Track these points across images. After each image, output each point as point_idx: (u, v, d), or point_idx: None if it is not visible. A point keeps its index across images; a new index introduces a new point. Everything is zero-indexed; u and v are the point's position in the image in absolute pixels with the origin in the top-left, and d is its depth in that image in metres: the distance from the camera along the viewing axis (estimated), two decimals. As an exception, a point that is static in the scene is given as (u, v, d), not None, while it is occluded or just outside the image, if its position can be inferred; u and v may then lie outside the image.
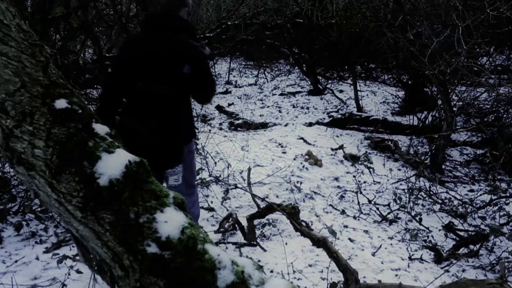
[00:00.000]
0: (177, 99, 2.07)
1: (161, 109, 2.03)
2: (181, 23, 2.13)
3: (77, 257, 2.02)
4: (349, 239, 3.13)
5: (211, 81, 2.21)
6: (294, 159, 4.86)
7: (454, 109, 4.87)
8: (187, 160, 2.30)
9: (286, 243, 2.93)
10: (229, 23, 7.24)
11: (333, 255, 1.95)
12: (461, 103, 5.53)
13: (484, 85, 5.11)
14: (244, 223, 2.93)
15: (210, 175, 4.00)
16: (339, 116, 6.81)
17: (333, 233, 2.48)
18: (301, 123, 6.80)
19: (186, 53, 2.05)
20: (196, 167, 2.62)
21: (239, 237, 2.94)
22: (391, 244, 3.14)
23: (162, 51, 2.04)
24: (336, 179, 4.45)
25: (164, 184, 2.29)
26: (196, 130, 2.44)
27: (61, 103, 1.23)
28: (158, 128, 2.02)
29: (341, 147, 5.34)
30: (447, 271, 2.76)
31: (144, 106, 2.03)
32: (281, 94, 8.62)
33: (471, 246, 3.06)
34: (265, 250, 2.82)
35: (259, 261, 2.69)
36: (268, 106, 7.96)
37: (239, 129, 6.76)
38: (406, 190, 4.17)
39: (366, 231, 3.31)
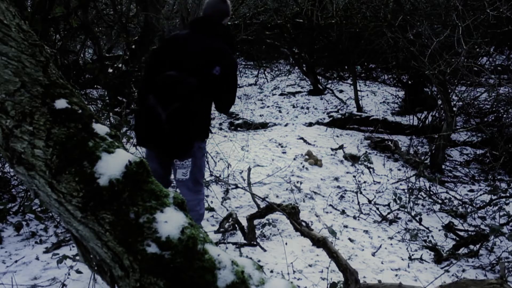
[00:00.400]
0: (201, 94, 2.21)
1: (184, 99, 2.16)
2: (221, 30, 2.37)
3: (77, 257, 2.02)
4: (349, 239, 3.13)
5: (234, 88, 2.37)
6: (294, 159, 4.86)
7: (454, 109, 4.87)
8: (197, 156, 2.40)
9: (286, 243, 2.93)
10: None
11: (333, 255, 1.95)
12: (461, 103, 5.54)
13: (484, 85, 5.12)
14: (244, 223, 2.93)
15: (210, 175, 4.00)
16: (339, 116, 6.81)
17: (333, 233, 2.48)
18: (301, 123, 6.80)
19: (220, 57, 2.24)
20: (205, 167, 2.69)
21: (239, 237, 2.94)
22: (391, 244, 3.14)
23: (199, 49, 2.26)
24: (336, 179, 4.45)
25: (172, 177, 2.42)
26: (210, 134, 2.62)
27: (61, 103, 1.23)
28: (176, 115, 2.16)
29: (341, 147, 5.34)
30: (447, 271, 2.77)
31: (170, 93, 2.16)
32: (281, 94, 8.62)
33: (471, 246, 3.06)
34: (265, 250, 2.82)
35: (259, 261, 2.69)
36: (268, 106, 7.96)
37: (239, 129, 6.76)
38: (406, 190, 4.17)
39: (366, 231, 3.31)
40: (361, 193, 3.97)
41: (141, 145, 2.43)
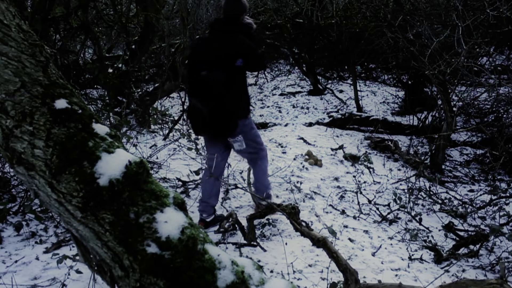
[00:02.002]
0: (229, 85, 2.65)
1: (217, 92, 2.63)
2: (239, 27, 2.75)
3: (77, 257, 2.01)
4: (349, 239, 3.13)
5: (258, 62, 2.81)
6: (294, 159, 4.86)
7: (454, 109, 4.87)
8: (246, 131, 2.88)
9: (286, 243, 2.93)
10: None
11: (333, 255, 1.95)
12: (461, 103, 5.53)
13: (484, 85, 5.11)
14: (244, 223, 2.93)
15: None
16: (339, 116, 6.81)
17: (333, 233, 2.48)
18: (301, 123, 6.80)
19: (239, 50, 2.65)
20: (259, 136, 3.10)
21: (239, 237, 2.94)
22: (391, 244, 3.14)
23: (222, 47, 2.65)
24: (336, 179, 4.45)
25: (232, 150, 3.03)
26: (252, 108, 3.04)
27: (61, 103, 1.23)
28: (214, 106, 2.64)
29: (341, 147, 5.34)
30: (447, 271, 2.76)
31: (205, 89, 2.65)
32: (281, 94, 8.62)
33: (471, 246, 3.05)
34: (265, 250, 2.82)
35: (259, 261, 2.69)
36: (268, 106, 7.96)
37: (239, 129, 6.76)
38: (406, 190, 4.17)
39: (366, 231, 3.31)
40: (361, 193, 3.97)
41: (197, 134, 3.05)
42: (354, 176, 4.41)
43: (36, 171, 1.19)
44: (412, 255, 2.96)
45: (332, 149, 5.37)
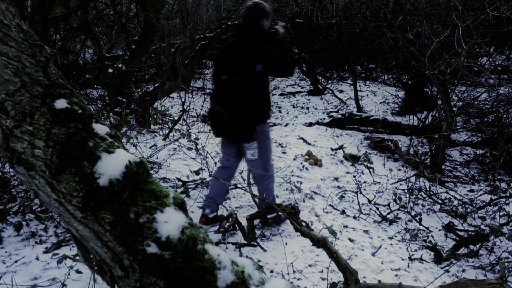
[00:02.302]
0: (250, 89, 2.72)
1: (237, 96, 2.70)
2: (259, 32, 2.79)
3: (77, 257, 2.01)
4: (349, 239, 3.13)
5: (281, 68, 2.81)
6: (294, 159, 4.86)
7: (454, 109, 4.87)
8: (261, 139, 2.91)
9: (286, 243, 2.93)
10: (229, 23, 7.23)
11: (333, 255, 1.95)
12: (461, 103, 5.53)
13: (484, 85, 5.11)
14: (244, 223, 2.93)
15: (210, 175, 4.00)
16: (339, 116, 6.81)
17: (333, 233, 2.48)
18: (301, 123, 6.80)
19: (259, 55, 2.69)
20: (271, 150, 3.10)
21: (239, 237, 2.94)
22: (391, 244, 3.14)
23: (241, 53, 2.72)
24: (336, 179, 4.45)
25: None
26: (271, 112, 3.28)
27: (61, 103, 1.23)
28: (234, 110, 2.70)
29: (341, 147, 5.34)
30: (447, 271, 2.76)
31: (226, 94, 2.72)
32: (281, 94, 8.62)
33: (471, 246, 3.05)
34: (265, 250, 2.82)
35: (259, 261, 2.70)
36: (268, 106, 7.96)
37: (239, 129, 6.75)
38: (406, 190, 4.17)
39: (366, 231, 3.31)
40: (361, 193, 3.97)
41: (216, 136, 3.07)
42: (354, 176, 4.41)
43: (36, 171, 1.19)
44: (412, 255, 2.96)
45: (332, 149, 5.37)
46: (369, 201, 3.90)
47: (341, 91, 8.32)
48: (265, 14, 2.81)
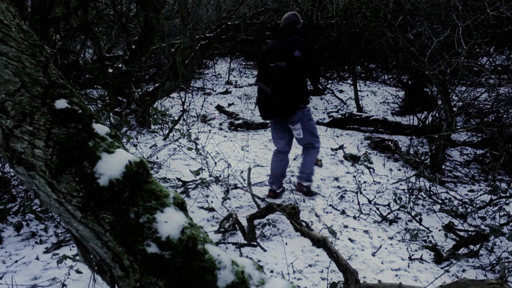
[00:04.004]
0: (290, 72, 3.36)
1: (278, 76, 3.35)
2: (295, 32, 3.52)
3: (77, 257, 2.02)
4: (349, 239, 3.13)
5: (314, 64, 3.50)
6: (294, 159, 4.86)
7: (454, 109, 4.87)
8: (304, 120, 3.50)
9: (286, 243, 2.93)
10: (229, 23, 7.23)
11: (333, 255, 1.95)
12: (461, 103, 5.53)
13: (484, 85, 5.11)
14: (244, 223, 2.93)
15: (210, 175, 4.00)
16: (339, 116, 6.81)
17: (333, 233, 2.48)
18: (301, 123, 6.78)
19: (297, 44, 3.38)
20: (315, 128, 3.67)
21: (239, 237, 2.94)
22: (391, 244, 3.14)
23: (283, 45, 3.43)
24: (336, 179, 4.45)
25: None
26: (310, 98, 3.89)
27: (61, 103, 1.23)
28: (276, 87, 3.37)
29: (341, 147, 5.34)
30: (447, 271, 2.76)
31: (269, 76, 3.41)
32: (281, 94, 8.60)
33: (471, 246, 3.05)
34: (265, 250, 2.82)
35: (259, 261, 2.69)
36: (268, 106, 7.95)
37: (239, 129, 6.76)
38: (406, 190, 4.17)
39: (366, 231, 3.31)
40: (361, 193, 3.97)
41: (264, 119, 3.85)
42: (354, 176, 4.41)
43: (36, 171, 1.19)
44: (412, 255, 2.96)
45: (332, 149, 5.37)
46: (369, 201, 3.90)
47: (341, 91, 8.33)
48: (299, 22, 3.61)
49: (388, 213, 3.61)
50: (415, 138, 5.97)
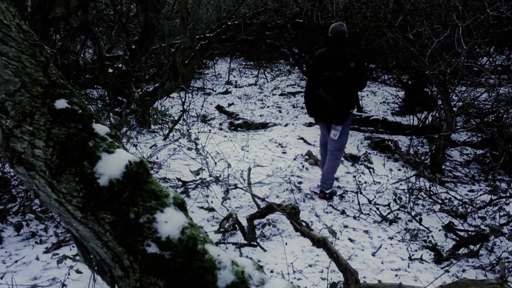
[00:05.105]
0: (346, 82, 3.70)
1: (338, 86, 3.70)
2: (346, 42, 3.81)
3: (77, 257, 2.02)
4: (349, 239, 3.13)
5: (365, 73, 3.87)
6: (294, 159, 4.86)
7: (454, 109, 4.86)
8: (345, 125, 3.84)
9: (286, 243, 2.93)
10: (229, 23, 7.22)
11: (333, 255, 1.95)
12: (461, 103, 5.53)
13: (484, 85, 5.11)
14: (244, 223, 2.93)
15: (210, 175, 4.00)
16: (339, 116, 6.80)
17: (333, 233, 2.48)
18: (301, 123, 6.80)
19: (352, 56, 3.71)
20: (347, 138, 4.00)
21: (239, 237, 2.94)
22: (391, 244, 3.14)
23: (338, 56, 3.74)
24: (336, 179, 4.45)
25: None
26: (352, 111, 4.03)
27: (61, 103, 1.23)
28: (336, 96, 3.72)
29: (341, 147, 5.33)
30: (447, 271, 2.76)
31: (329, 84, 3.73)
32: (281, 94, 8.62)
33: (471, 246, 3.05)
34: (265, 250, 2.82)
35: (259, 261, 2.69)
36: (268, 106, 7.96)
37: (239, 129, 6.76)
38: (406, 190, 4.17)
39: (366, 231, 3.31)
40: (361, 193, 3.97)
41: (316, 120, 4.09)
42: (354, 176, 4.41)
43: (36, 171, 1.19)
44: (412, 255, 2.96)
45: (332, 149, 5.36)
46: (369, 201, 3.90)
47: (341, 91, 8.30)
48: (346, 32, 3.85)
49: (388, 213, 3.61)
50: (415, 138, 5.97)
